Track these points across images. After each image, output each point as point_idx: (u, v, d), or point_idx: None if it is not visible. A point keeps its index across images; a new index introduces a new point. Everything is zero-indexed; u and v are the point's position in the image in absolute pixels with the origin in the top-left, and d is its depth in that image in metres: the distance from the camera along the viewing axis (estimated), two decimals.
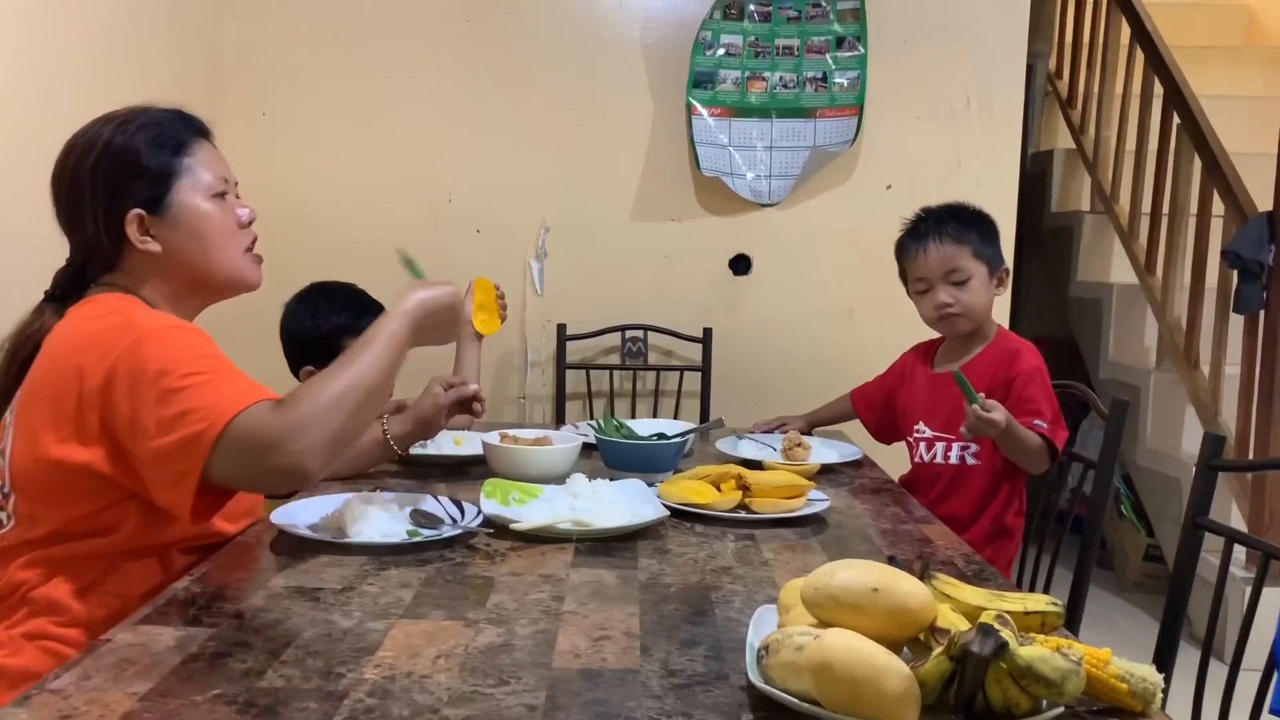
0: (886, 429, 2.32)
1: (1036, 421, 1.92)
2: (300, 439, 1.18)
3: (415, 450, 1.93)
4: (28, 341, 1.34)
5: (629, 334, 3.11)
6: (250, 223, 1.45)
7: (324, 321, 2.12)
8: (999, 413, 1.81)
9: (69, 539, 1.28)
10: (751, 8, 3.06)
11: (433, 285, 1.41)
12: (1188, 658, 1.53)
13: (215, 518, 1.32)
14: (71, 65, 2.30)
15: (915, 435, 2.15)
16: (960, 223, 2.08)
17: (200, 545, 1.37)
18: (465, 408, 1.83)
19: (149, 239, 1.35)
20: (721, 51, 3.06)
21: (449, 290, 1.41)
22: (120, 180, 1.34)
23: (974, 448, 2.04)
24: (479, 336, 2.31)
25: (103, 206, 1.34)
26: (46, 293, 1.40)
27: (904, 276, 2.18)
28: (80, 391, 1.23)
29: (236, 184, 1.46)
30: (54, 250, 1.40)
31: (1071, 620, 1.76)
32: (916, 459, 2.15)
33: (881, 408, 2.31)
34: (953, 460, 2.07)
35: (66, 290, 1.38)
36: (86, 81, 2.35)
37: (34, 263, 1.41)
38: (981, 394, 1.83)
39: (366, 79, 3.08)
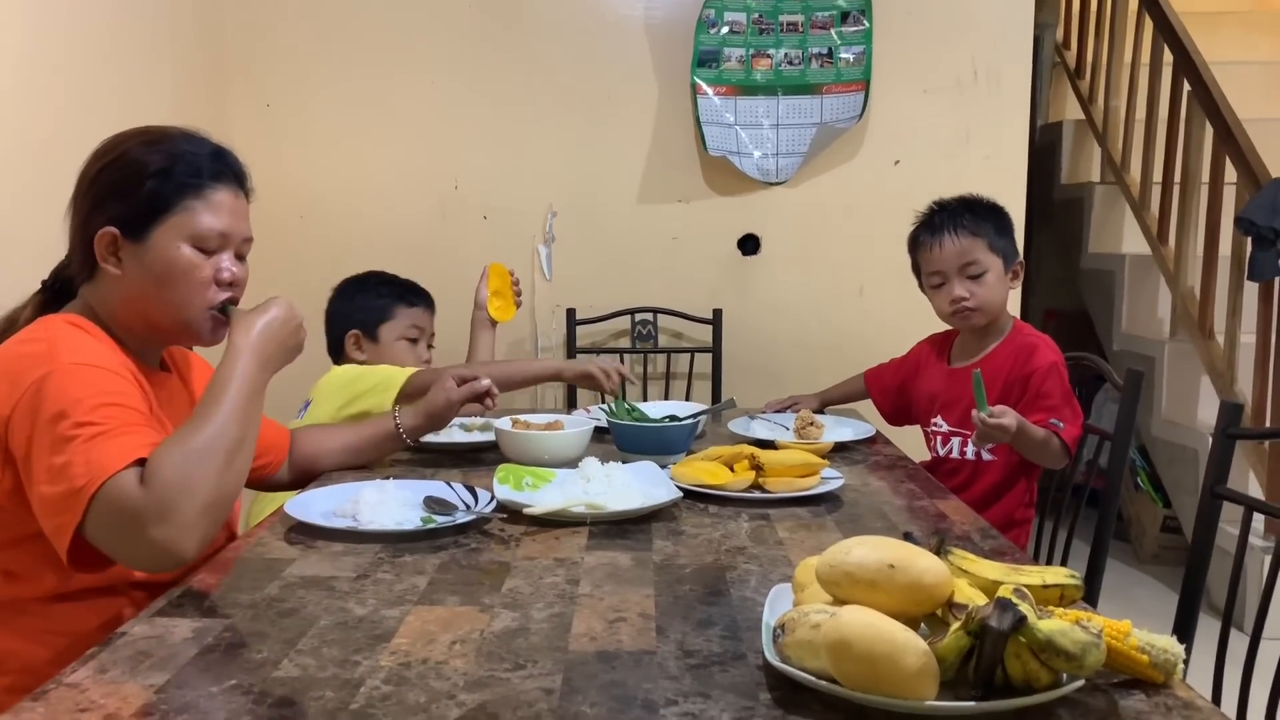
0: (899, 413, 2.32)
1: (1053, 420, 1.89)
2: (168, 520, 1.10)
3: (427, 438, 1.93)
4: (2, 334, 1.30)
5: (639, 317, 3.11)
6: (232, 282, 1.35)
7: (373, 293, 2.20)
8: (1009, 418, 1.77)
9: None
10: None
11: (261, 308, 1.33)
12: (1207, 629, 1.52)
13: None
14: (76, 60, 2.29)
15: (933, 429, 2.14)
16: (975, 215, 2.05)
17: (153, 582, 1.27)
18: (477, 401, 1.83)
19: (112, 260, 1.29)
20: (725, 29, 3.04)
21: (279, 305, 1.34)
22: (112, 193, 1.29)
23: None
24: (494, 323, 2.32)
25: (85, 212, 1.30)
26: (43, 282, 1.38)
27: (917, 270, 2.16)
28: None
29: (247, 240, 1.38)
30: (58, 251, 1.39)
31: (1090, 593, 1.75)
32: (934, 452, 2.14)
33: (894, 393, 2.30)
34: (969, 455, 2.06)
35: (60, 284, 1.36)
36: (91, 76, 2.35)
37: (41, 264, 1.40)
38: (990, 406, 1.77)
39: (370, 67, 3.07)
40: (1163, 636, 0.94)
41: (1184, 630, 1.51)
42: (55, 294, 1.37)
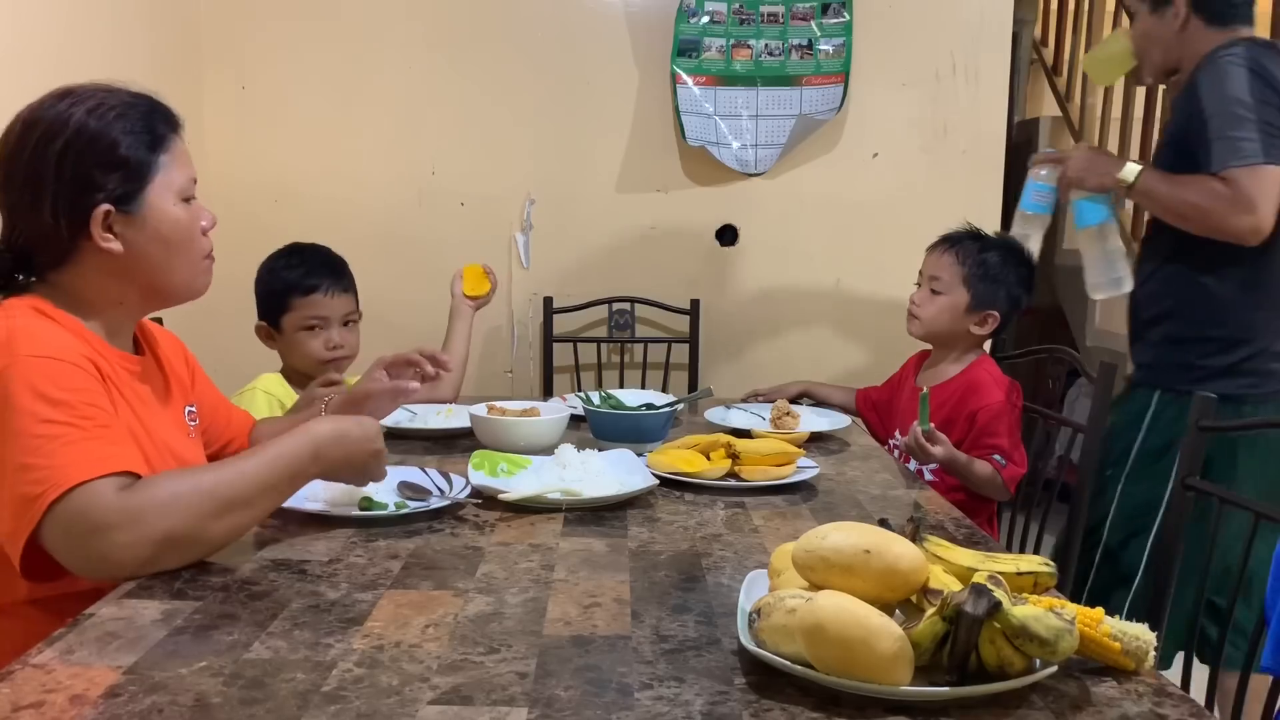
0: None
1: (995, 456, 1.97)
2: (131, 530, 1.08)
3: (403, 423, 1.92)
4: None
5: (616, 307, 3.10)
6: (212, 227, 1.36)
7: (276, 279, 2.11)
8: (940, 449, 1.88)
9: None
10: None
11: (354, 418, 1.33)
12: None
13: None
14: (48, 42, 2.26)
15: (891, 443, 2.20)
16: (982, 248, 2.14)
17: (65, 595, 1.17)
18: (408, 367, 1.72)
19: (111, 237, 1.25)
20: (706, 19, 3.03)
21: (366, 427, 1.32)
22: (92, 170, 1.23)
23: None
24: (472, 303, 2.35)
25: (68, 197, 1.23)
26: None
27: None
28: None
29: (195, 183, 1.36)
30: None
31: (1059, 585, 1.77)
32: None
33: (884, 407, 2.34)
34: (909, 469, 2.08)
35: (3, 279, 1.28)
36: (63, 57, 2.31)
37: None
38: (932, 424, 1.88)
39: (347, 51, 3.04)
40: (1134, 624, 0.95)
41: (1153, 622, 1.53)
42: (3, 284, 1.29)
